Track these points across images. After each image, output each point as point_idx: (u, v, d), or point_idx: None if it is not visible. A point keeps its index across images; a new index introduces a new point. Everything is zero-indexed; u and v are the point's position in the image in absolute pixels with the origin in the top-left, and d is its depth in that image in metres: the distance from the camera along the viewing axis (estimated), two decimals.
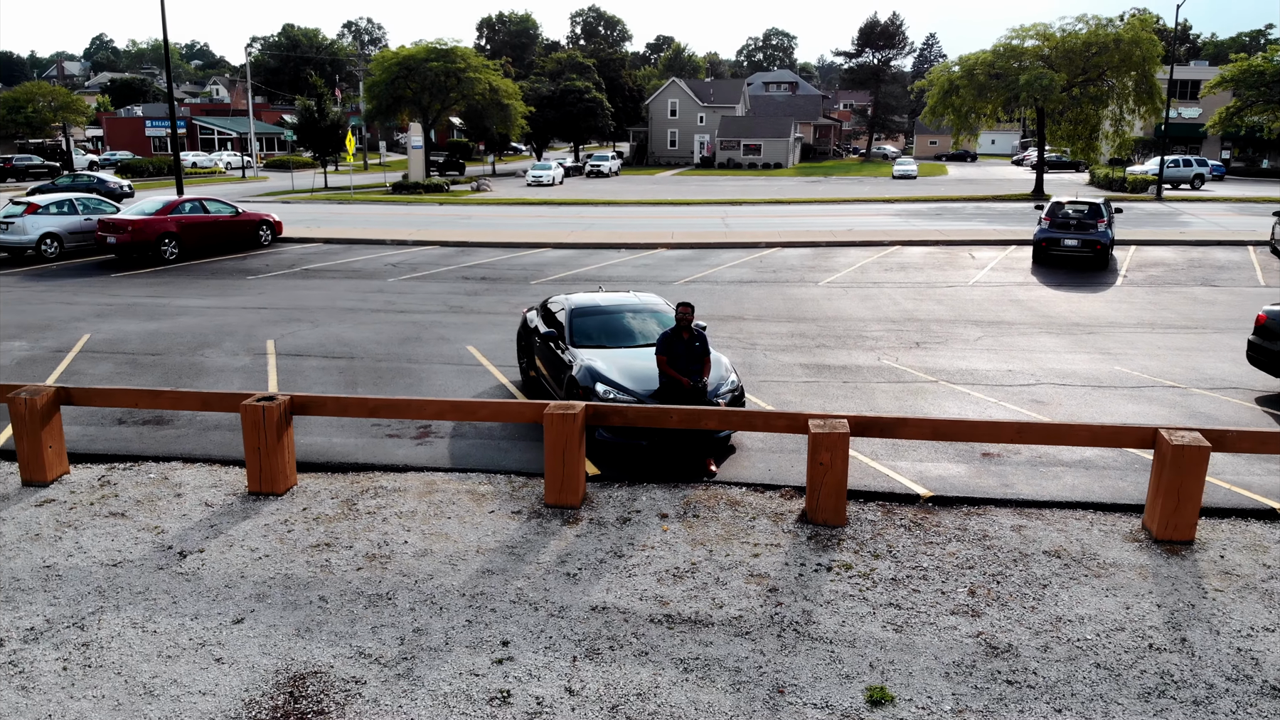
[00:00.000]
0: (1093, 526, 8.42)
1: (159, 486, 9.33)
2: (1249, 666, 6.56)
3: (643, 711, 5.98)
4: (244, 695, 6.22)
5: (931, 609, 7.13)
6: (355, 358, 14.37)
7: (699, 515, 8.63)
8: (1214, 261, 24.46)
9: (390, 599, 7.25)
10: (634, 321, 11.48)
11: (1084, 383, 13.06)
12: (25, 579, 7.78)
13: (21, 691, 6.35)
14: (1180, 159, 61.93)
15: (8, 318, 17.69)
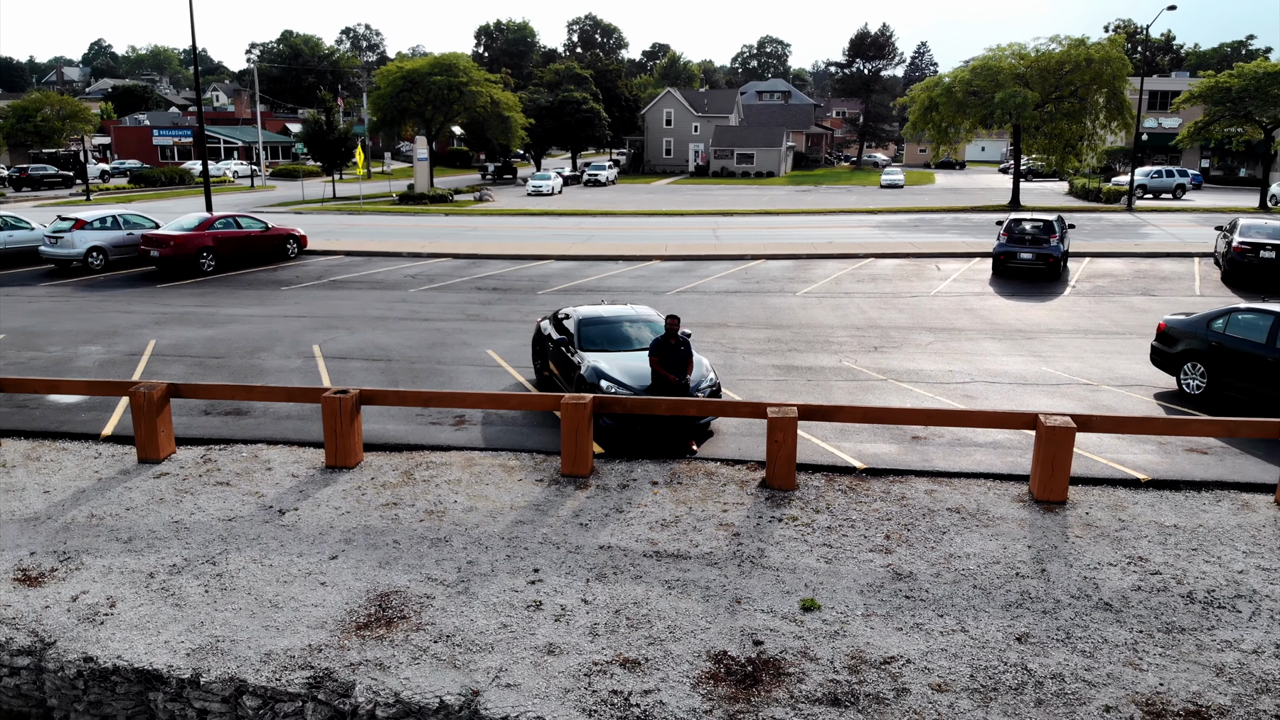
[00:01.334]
0: (989, 490, 10.78)
1: (251, 463, 11.65)
2: (1090, 589, 8.90)
3: (637, 614, 8.32)
4: (345, 606, 8.54)
5: (855, 548, 9.47)
6: (392, 360, 16.70)
7: (682, 482, 10.97)
8: (1159, 273, 26.88)
9: (447, 541, 9.58)
10: (631, 329, 13.81)
11: (1012, 381, 15.42)
12: (159, 531, 10.09)
13: (176, 607, 8.66)
14: (1163, 170, 64.42)
15: (75, 325, 19.98)
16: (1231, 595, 8.84)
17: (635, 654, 7.78)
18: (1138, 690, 7.49)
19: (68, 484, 11.29)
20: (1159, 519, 10.21)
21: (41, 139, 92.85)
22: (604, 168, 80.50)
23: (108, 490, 11.04)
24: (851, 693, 7.37)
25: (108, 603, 8.72)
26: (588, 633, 8.05)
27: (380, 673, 7.57)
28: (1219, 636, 8.21)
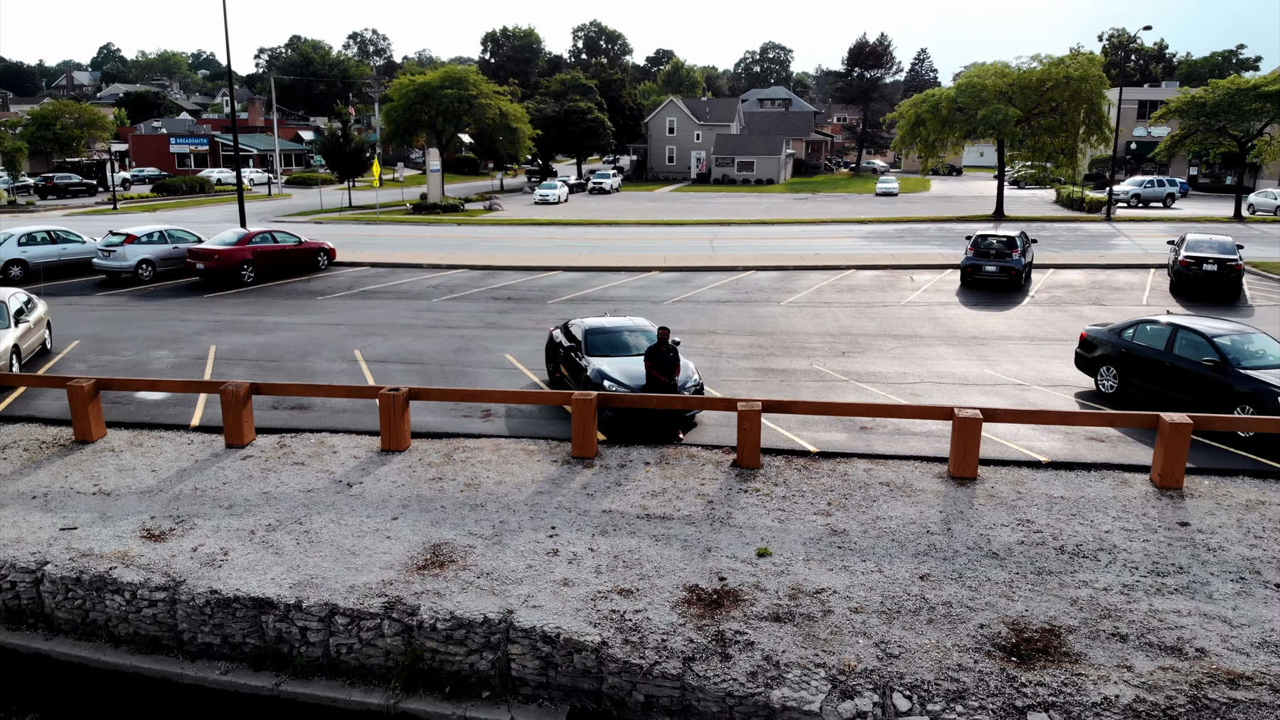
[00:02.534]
0: (916, 469, 13.33)
1: (319, 447, 14.24)
2: (983, 543, 11.45)
3: (631, 558, 10.88)
4: (406, 553, 11.12)
5: (802, 512, 12.03)
6: (424, 363, 19.29)
7: (669, 462, 13.54)
8: (1114, 283, 29.38)
9: (483, 506, 12.16)
10: (629, 338, 16.37)
11: (955, 381, 17.96)
12: (253, 499, 12.68)
13: (276, 555, 11.24)
14: (1155, 180, 66.91)
15: (140, 331, 22.60)
16: (1095, 549, 11.38)
17: (629, 585, 10.35)
18: (1007, 614, 10.04)
19: (170, 464, 13.90)
20: (1050, 491, 12.76)
21: (61, 147, 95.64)
22: (608, 175, 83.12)
23: (205, 469, 13.64)
24: (790, 613, 9.94)
25: (221, 552, 11.31)
26: (593, 571, 10.62)
27: (438, 598, 10.14)
28: (1078, 578, 10.75)
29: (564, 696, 9.73)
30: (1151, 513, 12.23)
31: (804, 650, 9.39)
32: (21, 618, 11.45)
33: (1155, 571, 10.88)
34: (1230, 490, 12.95)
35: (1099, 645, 9.58)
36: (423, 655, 9.91)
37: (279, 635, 10.46)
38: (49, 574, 11.25)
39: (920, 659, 9.31)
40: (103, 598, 11.07)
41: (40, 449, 14.73)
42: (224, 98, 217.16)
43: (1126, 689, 8.97)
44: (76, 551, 11.51)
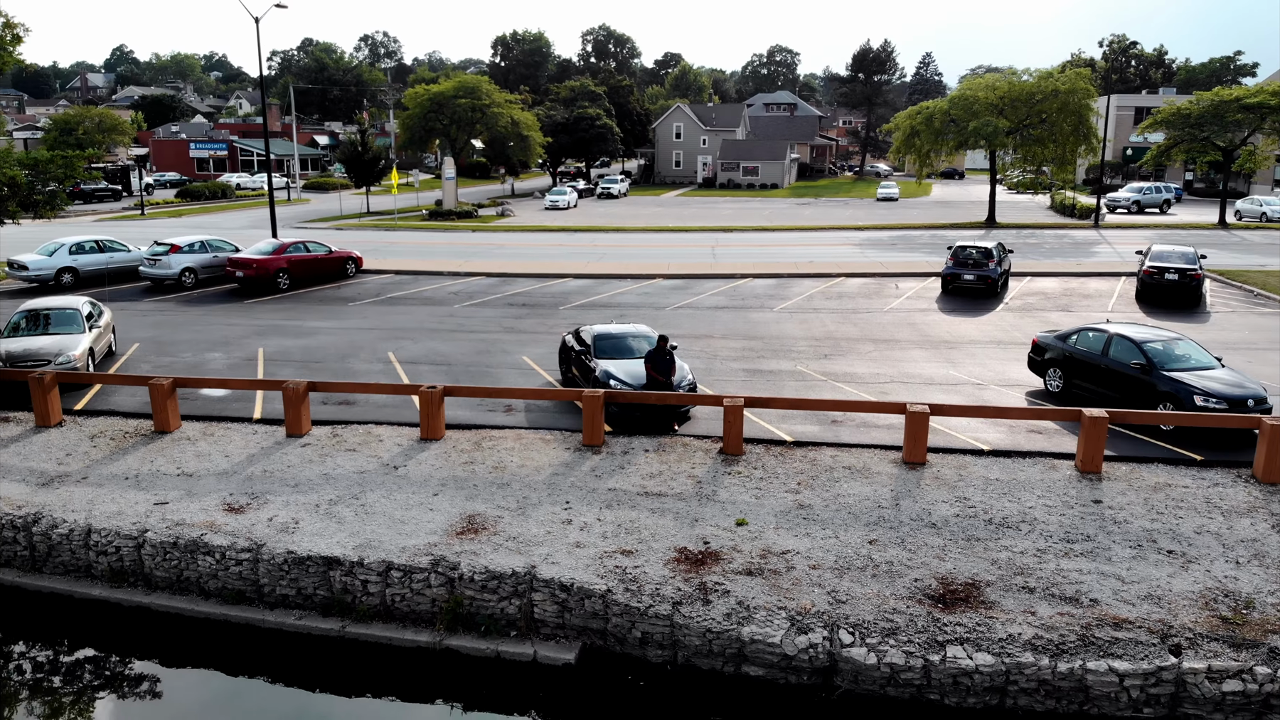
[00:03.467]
0: (875, 456, 15.63)
1: (367, 437, 16.62)
2: (924, 515, 13.74)
3: (631, 526, 13.21)
4: (446, 522, 13.46)
5: (776, 490, 14.34)
6: (451, 364, 21.65)
7: (665, 450, 15.88)
8: (1084, 291, 31.59)
9: (508, 485, 14.52)
10: (632, 343, 18.68)
11: (922, 382, 20.24)
12: (315, 480, 15.05)
13: (339, 523, 13.60)
14: (1153, 186, 68.94)
15: (192, 335, 25.02)
16: (1018, 520, 13.67)
17: (629, 547, 12.69)
18: (938, 572, 12.34)
19: (240, 451, 16.29)
20: (987, 475, 15.05)
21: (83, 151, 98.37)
22: (616, 180, 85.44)
23: (270, 455, 16.03)
24: (760, 568, 12.26)
25: (293, 521, 13.69)
26: (600, 536, 12.97)
27: (474, 556, 12.49)
28: (1001, 544, 13.05)
29: (577, 635, 12.07)
30: (1071, 492, 14.51)
31: (770, 597, 11.72)
32: (124, 577, 13.83)
33: (1066, 539, 13.16)
34: (1143, 474, 15.21)
35: (1010, 595, 11.88)
36: (462, 602, 12.26)
37: (344, 587, 12.82)
38: (149, 540, 13.64)
39: (863, 604, 11.62)
40: (195, 559, 13.45)
41: (125, 438, 17.15)
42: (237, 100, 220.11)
43: (1028, 628, 11.27)
44: (170, 521, 13.90)
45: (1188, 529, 13.51)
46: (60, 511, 14.39)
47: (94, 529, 13.95)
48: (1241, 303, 29.94)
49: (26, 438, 17.30)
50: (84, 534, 13.99)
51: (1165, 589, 12.04)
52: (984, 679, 10.92)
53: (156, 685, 12.15)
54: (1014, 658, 10.91)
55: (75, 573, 14.13)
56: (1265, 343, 24.79)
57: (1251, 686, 10.76)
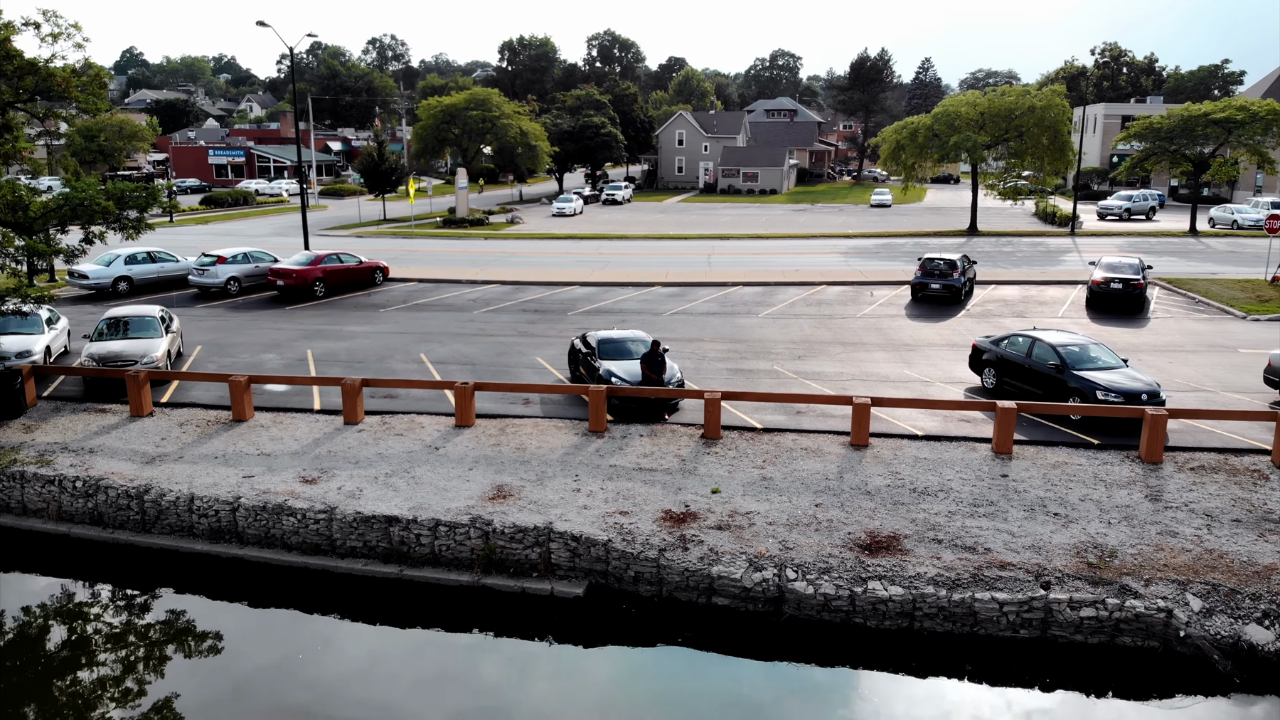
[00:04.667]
0: (828, 440, 19.04)
1: (411, 424, 20.08)
2: (862, 485, 17.15)
3: (628, 494, 16.65)
4: (480, 490, 16.92)
5: (745, 466, 17.77)
6: (475, 364, 25.10)
7: (657, 435, 19.32)
8: (1041, 298, 34.93)
9: (529, 462, 17.98)
10: (630, 346, 22.07)
11: (879, 379, 23.62)
12: (371, 458, 18.50)
13: (395, 491, 17.06)
14: (1140, 194, 72.18)
15: (247, 339, 28.49)
16: (937, 489, 17.06)
17: (626, 509, 16.12)
18: (867, 527, 15.73)
19: (306, 435, 19.76)
20: (917, 455, 18.45)
21: (105, 157, 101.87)
22: (620, 187, 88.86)
23: (333, 439, 19.49)
24: (727, 524, 15.68)
25: (358, 490, 17.14)
26: (603, 500, 16.40)
27: (503, 515, 15.93)
28: (921, 507, 16.44)
29: (584, 575, 15.50)
30: (984, 468, 17.91)
31: (734, 545, 15.15)
32: (220, 535, 17.29)
33: (973, 504, 16.56)
34: (1047, 455, 18.60)
35: (922, 545, 15.29)
36: (495, 550, 15.70)
37: (401, 540, 16.27)
38: (243, 504, 17.11)
39: (806, 550, 15.05)
40: (280, 519, 16.90)
41: (208, 425, 20.63)
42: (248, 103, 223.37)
43: (932, 568, 14.68)
44: (258, 490, 17.36)
45: (1074, 497, 16.90)
46: (165, 483, 17.86)
47: (196, 496, 17.42)
48: (1181, 309, 33.25)
49: (124, 425, 20.78)
50: (188, 500, 17.46)
51: (1046, 542, 15.42)
52: (896, 606, 14.33)
53: (248, 620, 15.61)
54: (919, 590, 14.31)
55: (179, 532, 17.60)
56: (1192, 345, 28.10)
57: (1103, 613, 14.14)
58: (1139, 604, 14.08)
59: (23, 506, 18.70)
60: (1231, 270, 42.11)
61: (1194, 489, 17.28)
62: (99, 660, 14.50)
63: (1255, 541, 15.56)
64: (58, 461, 18.92)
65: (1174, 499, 16.90)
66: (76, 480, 18.23)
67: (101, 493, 18.00)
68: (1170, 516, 16.30)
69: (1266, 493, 17.20)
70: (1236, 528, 16.02)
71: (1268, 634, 13.74)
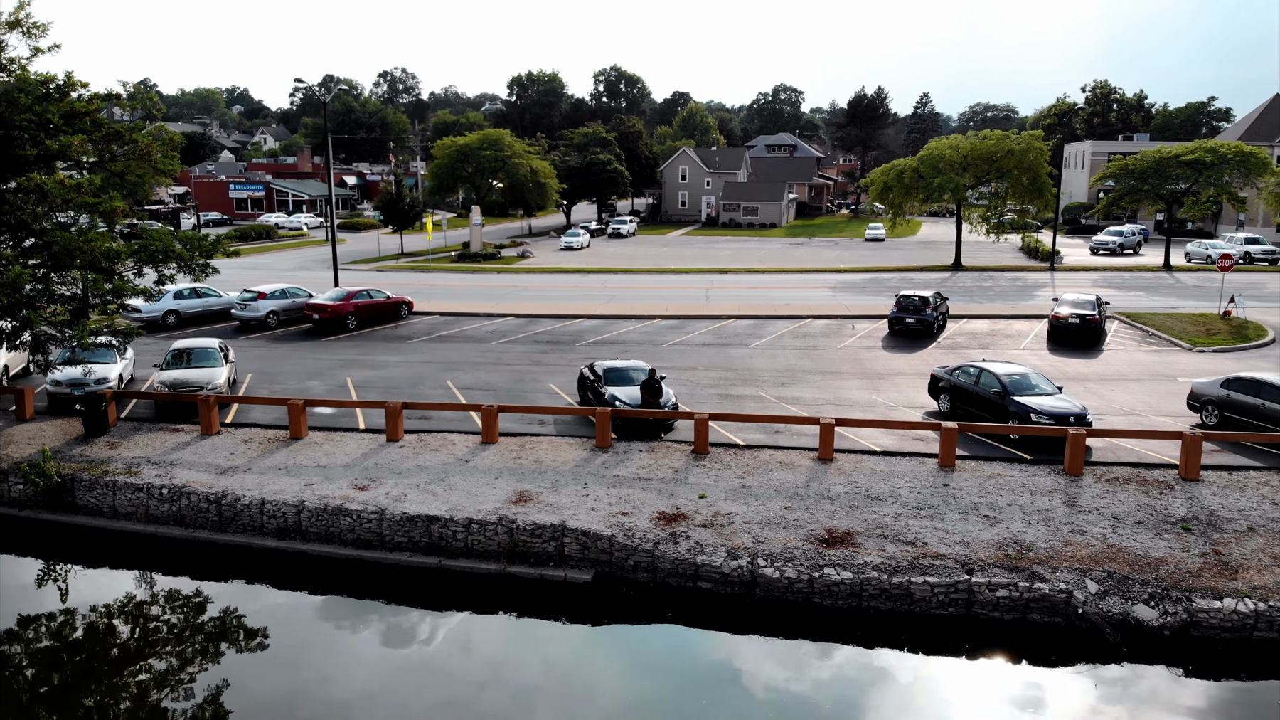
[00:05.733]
0: (799, 455, 22.36)
1: (444, 441, 23.46)
2: (825, 492, 20.47)
3: (629, 499, 20.00)
4: (505, 495, 20.28)
5: (728, 476, 21.11)
6: (495, 390, 28.49)
7: (654, 451, 22.67)
8: (1008, 331, 38.28)
9: (545, 472, 21.35)
10: (632, 373, 25.44)
11: (850, 404, 26.93)
12: (412, 469, 21.85)
13: (434, 495, 20.44)
14: (1129, 229, 75.66)
15: (291, 367, 31.95)
16: (888, 496, 20.34)
17: (627, 510, 19.45)
18: (827, 525, 19.02)
19: (355, 451, 23.13)
20: (874, 467, 21.74)
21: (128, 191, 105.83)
22: (625, 221, 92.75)
23: (378, 453, 22.87)
24: (711, 523, 18.99)
25: (403, 495, 20.49)
26: (608, 504, 19.73)
27: (524, 515, 19.26)
28: (873, 509, 19.72)
29: (592, 564, 18.78)
30: (929, 479, 21.20)
31: (716, 539, 18.43)
32: (286, 533, 20.61)
33: (916, 507, 19.83)
34: (985, 468, 21.88)
35: (871, 540, 18.55)
36: (518, 544, 19.00)
37: (440, 536, 19.58)
38: (306, 507, 20.45)
39: (775, 544, 18.32)
40: (338, 519, 20.23)
41: (269, 443, 24.02)
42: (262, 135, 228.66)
43: (878, 557, 17.94)
44: (318, 496, 20.71)
45: (1003, 502, 20.16)
46: (239, 490, 21.23)
47: (266, 501, 20.77)
48: (1134, 341, 36.57)
49: (197, 442, 24.19)
50: (259, 504, 20.82)
51: (974, 538, 18.68)
52: (846, 588, 17.57)
53: (309, 603, 18.91)
54: (866, 575, 17.56)
55: (251, 531, 20.92)
56: (1137, 375, 31.39)
57: (1015, 594, 17.35)
58: (1045, 586, 17.31)
59: (114, 510, 22.05)
60: (1193, 305, 45.36)
61: (1106, 496, 20.54)
62: (186, 634, 17.81)
63: (1152, 539, 18.78)
64: (144, 472, 22.29)
65: (1088, 504, 20.16)
66: (162, 488, 21.60)
67: (184, 498, 21.37)
68: (1082, 518, 19.54)
69: (1169, 500, 20.43)
70: (1138, 528, 19.25)
71: (1153, 612, 16.94)
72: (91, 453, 23.60)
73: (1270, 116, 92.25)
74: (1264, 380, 24.26)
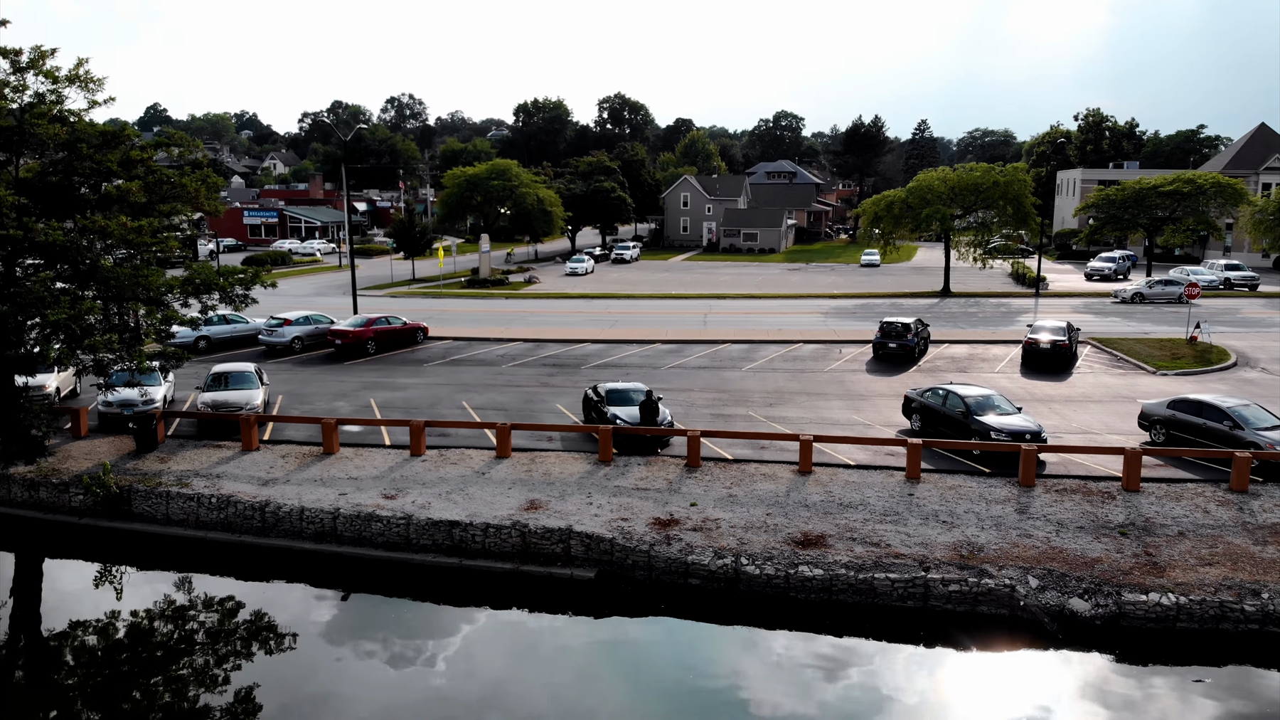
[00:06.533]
0: (781, 468, 24.92)
1: (462, 455, 26.06)
2: (803, 500, 23.03)
3: (628, 506, 22.58)
4: (518, 503, 22.86)
5: (717, 487, 23.67)
6: (507, 409, 31.09)
7: (651, 464, 25.25)
8: (985, 356, 40.85)
9: (553, 483, 23.93)
10: (631, 395, 28.02)
11: (831, 423, 29.47)
12: (434, 480, 24.46)
13: (454, 504, 23.03)
14: (1121, 255, 78.28)
15: (318, 389, 34.60)
16: (858, 504, 22.87)
17: (626, 516, 22.01)
18: (803, 529, 21.56)
19: (382, 464, 25.72)
20: (848, 479, 24.28)
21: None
22: (628, 246, 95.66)
23: (403, 467, 25.45)
24: (701, 527, 21.54)
25: (427, 503, 23.05)
26: (609, 510, 22.29)
27: (535, 520, 21.82)
28: (844, 515, 22.24)
29: (595, 563, 21.29)
30: (896, 489, 23.72)
31: (704, 541, 20.96)
32: (323, 537, 23.16)
33: (883, 514, 22.35)
34: (947, 480, 24.40)
35: (841, 542, 21.07)
36: (530, 546, 21.54)
37: (460, 539, 22.13)
38: (341, 513, 23.02)
39: (756, 545, 20.84)
40: (369, 524, 22.79)
41: (304, 457, 26.62)
42: (272, 161, 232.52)
43: (847, 556, 20.45)
44: (351, 504, 23.28)
45: (960, 510, 22.67)
46: (280, 499, 23.80)
47: (305, 508, 23.34)
48: (1103, 365, 39.11)
49: (239, 457, 26.79)
50: (299, 511, 23.39)
51: (932, 540, 21.18)
52: (818, 583, 20.06)
53: (342, 600, 21.45)
54: (835, 572, 20.06)
55: (291, 535, 23.47)
56: (1100, 396, 33.90)
57: (965, 589, 19.83)
58: (992, 582, 19.79)
59: (167, 518, 24.63)
60: (1165, 330, 47.80)
61: (1054, 505, 23.04)
62: (236, 623, 20.35)
63: (1091, 542, 21.27)
64: (194, 484, 24.89)
65: (1036, 512, 22.66)
66: (211, 497, 24.19)
67: (231, 506, 23.95)
68: (1030, 524, 22.04)
69: (1110, 508, 22.92)
70: (1079, 532, 21.75)
71: (1085, 604, 19.40)
72: (144, 466, 26.20)
73: (1255, 145, 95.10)
74: (1205, 401, 26.80)
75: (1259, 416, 26.11)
